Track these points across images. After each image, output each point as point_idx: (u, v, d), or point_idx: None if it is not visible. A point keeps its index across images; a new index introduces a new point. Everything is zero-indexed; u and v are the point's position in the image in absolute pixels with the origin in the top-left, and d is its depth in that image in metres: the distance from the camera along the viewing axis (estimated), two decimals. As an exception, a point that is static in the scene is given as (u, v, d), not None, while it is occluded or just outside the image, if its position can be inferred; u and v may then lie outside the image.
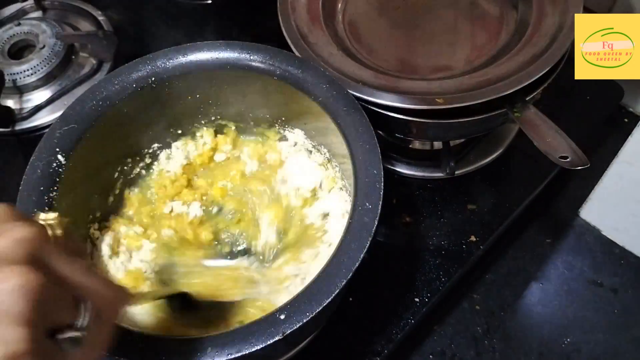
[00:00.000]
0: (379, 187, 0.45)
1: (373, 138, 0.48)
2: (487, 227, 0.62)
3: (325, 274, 0.41)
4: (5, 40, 0.76)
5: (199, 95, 0.57)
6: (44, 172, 0.49)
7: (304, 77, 0.53)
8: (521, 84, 0.52)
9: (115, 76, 0.54)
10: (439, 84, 0.56)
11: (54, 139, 0.50)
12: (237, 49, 0.55)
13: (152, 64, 0.54)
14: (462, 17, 0.65)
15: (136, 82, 0.54)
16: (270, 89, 0.55)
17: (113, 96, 0.53)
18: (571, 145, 0.49)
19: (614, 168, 0.61)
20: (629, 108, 0.76)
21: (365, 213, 0.44)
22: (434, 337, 0.60)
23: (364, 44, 0.64)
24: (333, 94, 0.51)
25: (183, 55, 0.55)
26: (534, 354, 0.59)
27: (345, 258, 0.41)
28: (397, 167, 0.66)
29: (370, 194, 0.45)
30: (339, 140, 0.50)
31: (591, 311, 0.61)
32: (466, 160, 0.66)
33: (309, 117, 0.55)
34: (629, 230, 0.64)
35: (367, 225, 0.43)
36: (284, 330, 0.38)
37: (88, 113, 0.52)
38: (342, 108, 0.50)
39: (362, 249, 0.42)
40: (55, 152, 0.49)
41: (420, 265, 0.60)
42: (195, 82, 0.56)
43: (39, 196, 0.47)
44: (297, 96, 0.53)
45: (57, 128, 0.51)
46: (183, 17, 0.84)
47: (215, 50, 0.55)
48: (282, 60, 0.54)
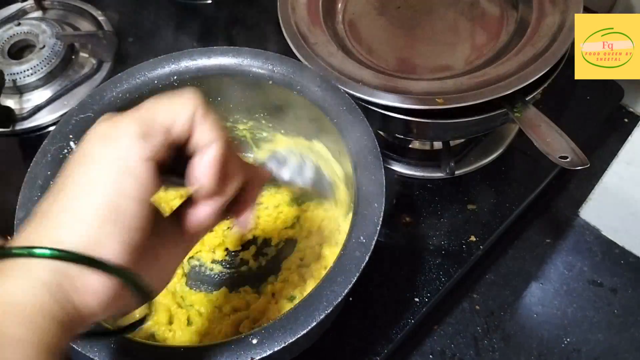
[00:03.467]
0: (376, 222, 0.44)
1: (381, 169, 0.47)
2: (487, 227, 0.62)
3: (307, 304, 0.40)
4: (5, 40, 0.76)
5: (220, 98, 0.57)
6: (54, 158, 0.49)
7: (324, 96, 0.52)
8: (521, 84, 0.52)
9: (138, 70, 0.54)
10: (439, 84, 0.56)
11: (69, 125, 0.51)
12: (261, 58, 0.54)
13: (176, 63, 0.54)
14: (462, 17, 0.65)
15: (158, 78, 0.54)
16: (292, 105, 0.55)
17: (133, 90, 0.53)
18: (571, 145, 0.49)
19: (614, 168, 0.61)
20: (629, 108, 0.76)
21: (358, 247, 0.42)
22: (434, 337, 0.60)
23: (364, 44, 0.64)
24: (349, 118, 0.50)
25: (207, 58, 0.55)
26: (534, 354, 0.59)
27: (328, 291, 0.40)
28: (397, 168, 0.66)
29: (366, 228, 0.43)
30: (347, 160, 0.49)
31: (591, 311, 0.61)
32: (466, 160, 0.66)
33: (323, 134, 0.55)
34: (629, 230, 0.64)
35: (358, 260, 0.42)
36: (253, 356, 0.38)
37: (106, 103, 0.52)
38: (356, 134, 0.49)
39: (348, 284, 0.40)
40: (69, 139, 0.50)
41: (420, 265, 0.60)
42: (217, 85, 0.55)
43: (45, 180, 0.48)
44: (317, 115, 0.52)
45: (74, 115, 0.51)
46: (183, 17, 0.84)
47: (241, 56, 0.55)
48: (304, 76, 0.53)
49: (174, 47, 0.80)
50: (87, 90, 0.74)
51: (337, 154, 0.53)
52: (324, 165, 0.54)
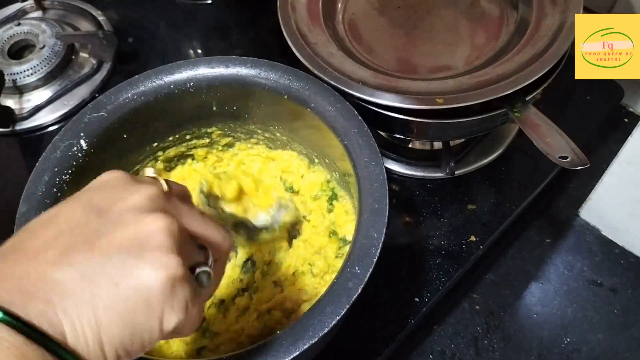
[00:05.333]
0: (373, 253, 0.42)
1: (385, 198, 0.45)
2: (487, 227, 0.62)
3: (292, 332, 0.39)
4: (5, 40, 0.76)
5: (236, 107, 0.57)
6: (63, 154, 0.49)
7: (336, 116, 0.51)
8: (521, 84, 0.52)
9: (156, 73, 0.54)
10: (439, 84, 0.56)
11: (81, 123, 0.51)
12: (279, 71, 0.54)
13: (194, 69, 0.54)
14: (462, 17, 0.65)
15: (174, 83, 0.54)
16: (304, 120, 0.54)
17: (149, 92, 0.53)
18: (571, 145, 0.49)
19: (614, 168, 0.61)
20: (629, 108, 0.76)
21: (352, 277, 0.41)
22: (434, 337, 0.60)
23: (364, 44, 0.64)
24: (359, 141, 0.49)
25: (225, 67, 0.54)
26: (534, 354, 0.59)
27: (316, 320, 0.39)
28: (397, 167, 0.66)
29: (363, 258, 0.42)
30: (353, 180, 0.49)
31: (591, 311, 0.61)
32: (466, 160, 0.66)
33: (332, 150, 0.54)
34: (629, 230, 0.64)
35: (349, 292, 0.40)
36: None
37: (121, 104, 0.52)
38: (364, 159, 0.48)
39: (337, 315, 0.39)
40: (80, 137, 0.50)
41: (420, 265, 0.60)
42: (232, 94, 0.55)
43: (52, 176, 0.48)
44: (329, 135, 0.52)
45: (87, 113, 0.51)
46: (183, 17, 0.84)
47: (259, 68, 0.54)
48: (319, 92, 0.52)
49: (174, 48, 0.81)
50: (87, 90, 0.74)
51: (335, 166, 0.53)
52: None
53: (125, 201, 0.29)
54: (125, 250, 0.27)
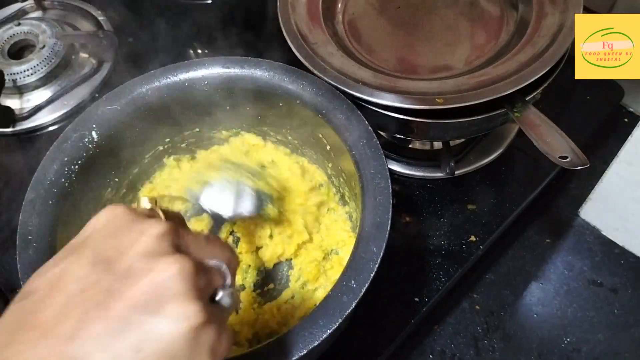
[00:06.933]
0: (371, 268, 0.42)
1: (388, 212, 0.45)
2: (487, 227, 0.62)
3: (282, 343, 0.39)
4: (5, 40, 0.76)
5: (249, 108, 0.57)
6: (73, 144, 0.50)
7: (346, 125, 0.51)
8: (521, 84, 0.51)
9: (173, 70, 0.54)
10: (439, 84, 0.56)
11: (94, 114, 0.51)
12: (293, 75, 0.54)
13: (209, 68, 0.55)
14: (462, 17, 0.65)
15: (189, 81, 0.54)
16: (315, 128, 0.55)
17: (164, 88, 0.54)
18: (571, 145, 0.49)
19: (614, 168, 0.61)
20: (629, 108, 0.76)
21: (347, 291, 0.41)
22: (434, 337, 0.60)
23: (364, 44, 0.64)
24: (367, 153, 0.49)
25: (240, 68, 0.55)
26: (534, 354, 0.59)
27: (307, 332, 0.39)
28: (398, 167, 0.66)
29: (360, 272, 0.42)
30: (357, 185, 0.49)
31: (591, 311, 0.61)
32: (466, 160, 0.66)
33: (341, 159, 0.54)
34: (629, 230, 0.64)
35: (343, 306, 0.40)
36: None
37: (135, 97, 0.53)
38: (370, 171, 0.48)
39: (328, 329, 0.39)
40: (92, 128, 0.50)
41: (420, 265, 0.60)
42: (245, 95, 0.56)
43: (61, 166, 0.48)
44: (339, 146, 0.52)
45: (101, 105, 0.52)
46: (183, 17, 0.84)
47: (273, 70, 0.54)
48: (331, 100, 0.52)
49: (174, 47, 0.81)
50: (87, 90, 0.74)
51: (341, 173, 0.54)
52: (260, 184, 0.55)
53: (133, 248, 0.28)
54: (142, 308, 0.26)
